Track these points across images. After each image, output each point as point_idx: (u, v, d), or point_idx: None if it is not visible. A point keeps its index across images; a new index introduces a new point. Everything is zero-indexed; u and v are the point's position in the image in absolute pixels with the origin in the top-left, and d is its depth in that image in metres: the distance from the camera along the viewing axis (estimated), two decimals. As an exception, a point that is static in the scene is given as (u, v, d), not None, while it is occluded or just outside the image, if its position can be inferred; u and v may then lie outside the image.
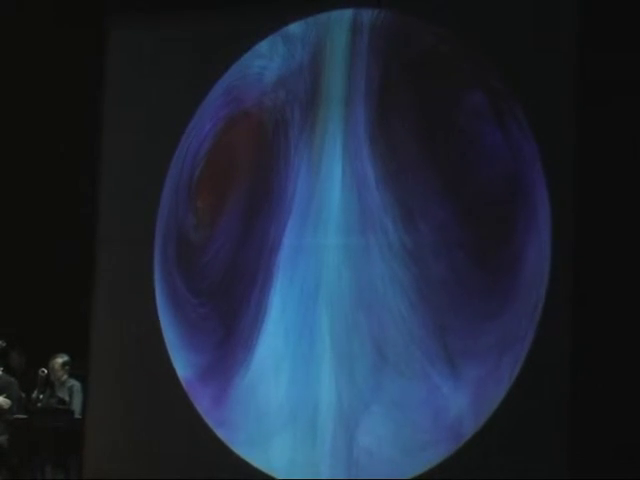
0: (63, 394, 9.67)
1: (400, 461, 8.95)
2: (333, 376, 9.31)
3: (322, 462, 9.22)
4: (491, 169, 8.80)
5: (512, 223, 8.68)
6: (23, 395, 9.94)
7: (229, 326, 9.67)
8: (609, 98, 8.46)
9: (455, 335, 8.78)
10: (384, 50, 9.33)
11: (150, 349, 9.91)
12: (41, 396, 9.66)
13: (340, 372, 9.31)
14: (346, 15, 9.45)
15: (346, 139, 9.42)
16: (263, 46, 9.78)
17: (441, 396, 8.85)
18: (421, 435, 8.89)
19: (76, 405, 9.65)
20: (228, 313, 9.70)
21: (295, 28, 9.67)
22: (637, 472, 8.05)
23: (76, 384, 9.76)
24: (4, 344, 9.99)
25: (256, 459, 9.37)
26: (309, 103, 9.60)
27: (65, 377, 9.76)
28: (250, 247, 9.69)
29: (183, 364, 9.80)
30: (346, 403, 9.17)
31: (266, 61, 9.77)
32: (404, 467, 8.93)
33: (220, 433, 9.56)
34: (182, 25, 10.17)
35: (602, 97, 8.48)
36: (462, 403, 8.70)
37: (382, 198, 9.22)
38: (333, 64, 9.53)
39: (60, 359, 9.79)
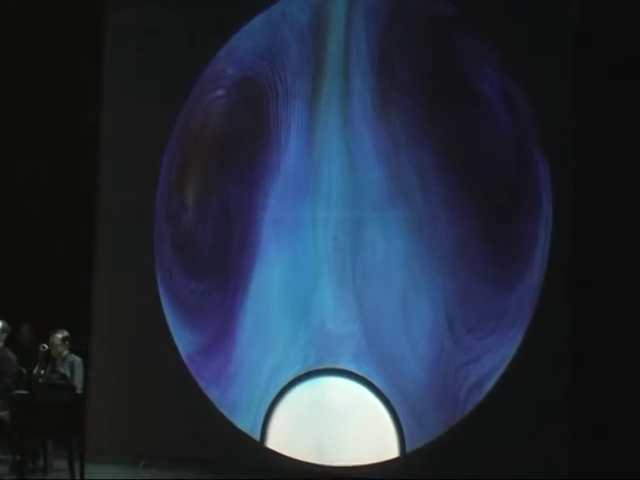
0: (64, 369, 9.62)
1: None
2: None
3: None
4: (495, 140, 8.98)
5: (516, 196, 8.91)
6: (24, 371, 9.90)
7: (227, 297, 9.82)
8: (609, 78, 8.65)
9: (459, 306, 8.99)
10: (384, 15, 9.38)
11: (150, 325, 10.02)
12: (42, 372, 9.62)
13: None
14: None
15: (346, 113, 9.49)
16: (261, 18, 9.82)
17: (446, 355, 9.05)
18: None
19: (77, 380, 9.61)
20: (224, 285, 9.83)
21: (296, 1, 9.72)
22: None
23: (77, 359, 9.72)
24: None
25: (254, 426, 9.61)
26: (304, 74, 9.66)
27: (66, 352, 9.70)
28: (240, 219, 9.79)
29: (185, 341, 9.89)
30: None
31: (264, 32, 9.81)
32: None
33: (221, 405, 9.71)
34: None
35: (602, 77, 8.68)
36: (478, 367, 8.94)
37: (384, 171, 9.30)
38: (333, 33, 9.56)
39: (60, 334, 9.72)
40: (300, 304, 9.51)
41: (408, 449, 9.12)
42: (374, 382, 9.18)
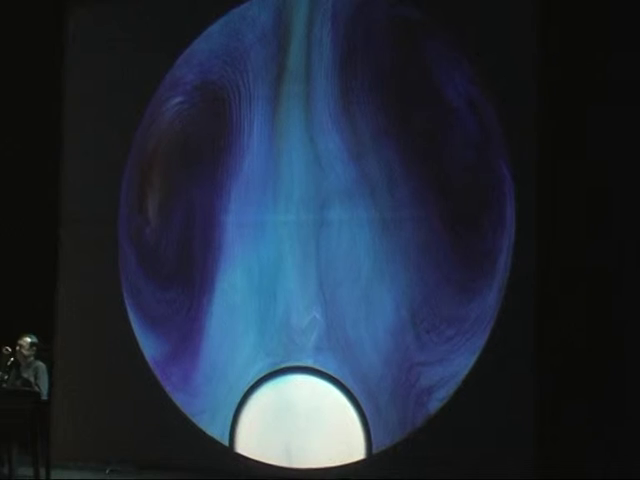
0: (28, 375, 9.54)
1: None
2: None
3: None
4: (460, 146, 8.91)
5: (480, 204, 8.85)
6: (-11, 376, 9.79)
7: (193, 302, 9.78)
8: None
9: (421, 303, 8.96)
10: (347, 16, 9.35)
11: (116, 330, 9.95)
12: (6, 377, 9.53)
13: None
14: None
15: (309, 114, 9.47)
16: (219, 21, 9.81)
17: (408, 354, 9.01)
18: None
19: (42, 386, 9.54)
20: (190, 291, 9.80)
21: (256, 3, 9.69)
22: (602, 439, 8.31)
23: (41, 365, 9.61)
24: None
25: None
26: (267, 76, 9.62)
27: (32, 358, 9.64)
28: (204, 225, 9.77)
29: (151, 347, 9.84)
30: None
31: (224, 34, 9.78)
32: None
33: (188, 410, 9.66)
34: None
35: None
36: (429, 372, 8.91)
37: (347, 172, 9.28)
38: (294, 33, 9.54)
39: (29, 339, 9.64)
40: (265, 302, 9.49)
41: (374, 445, 9.10)
42: (336, 375, 9.18)
